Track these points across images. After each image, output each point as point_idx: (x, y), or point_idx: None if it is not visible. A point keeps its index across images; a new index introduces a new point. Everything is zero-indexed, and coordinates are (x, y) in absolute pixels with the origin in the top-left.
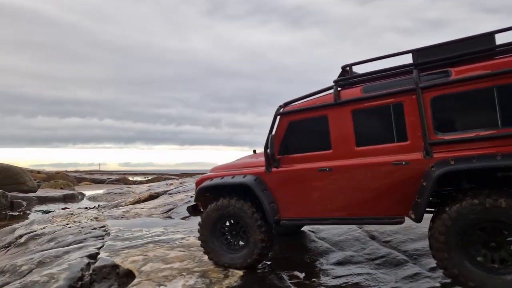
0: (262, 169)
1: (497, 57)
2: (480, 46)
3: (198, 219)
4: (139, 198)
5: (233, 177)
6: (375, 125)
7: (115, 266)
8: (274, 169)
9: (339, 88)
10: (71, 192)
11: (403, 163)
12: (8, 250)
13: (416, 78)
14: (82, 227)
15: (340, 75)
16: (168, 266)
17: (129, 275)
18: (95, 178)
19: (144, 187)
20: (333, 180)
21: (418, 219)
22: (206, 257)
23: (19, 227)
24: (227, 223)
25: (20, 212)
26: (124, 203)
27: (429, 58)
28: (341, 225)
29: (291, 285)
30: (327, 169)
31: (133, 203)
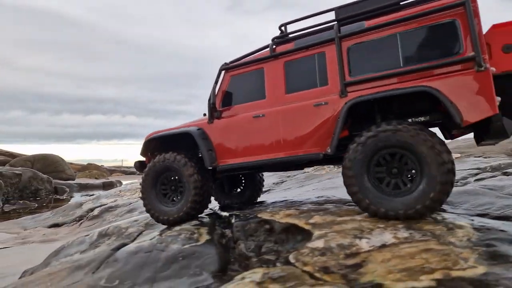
0: (206, 121)
1: (402, 10)
2: (387, 2)
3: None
4: None
5: (178, 129)
6: (302, 73)
7: (263, 222)
8: (215, 120)
9: (274, 46)
10: (109, 180)
11: (323, 103)
12: (81, 223)
13: (335, 30)
14: None
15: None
16: (348, 218)
17: (290, 231)
18: (125, 170)
19: None
20: (265, 124)
21: (332, 151)
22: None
23: (85, 202)
24: (170, 179)
25: (68, 196)
26: None
27: (348, 14)
28: (272, 168)
29: None
30: (261, 115)
31: None
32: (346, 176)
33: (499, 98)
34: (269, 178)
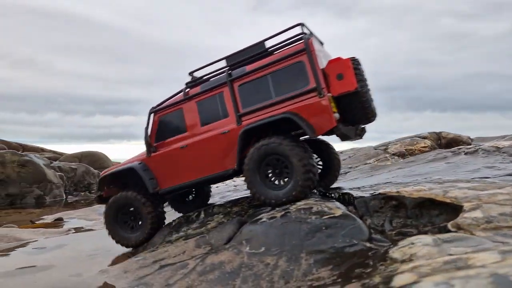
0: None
1: (273, 55)
2: (257, 51)
3: None
4: None
5: (124, 166)
6: (210, 109)
7: (388, 198)
8: (152, 154)
9: (188, 89)
10: None
11: (226, 131)
12: None
13: (227, 75)
14: (234, 186)
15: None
16: (492, 191)
17: (424, 206)
18: None
19: None
20: (190, 153)
21: (237, 167)
22: None
23: None
24: (129, 210)
25: None
26: None
27: (235, 61)
28: (201, 185)
29: None
30: (185, 146)
31: None
32: (245, 176)
33: (337, 115)
34: None
